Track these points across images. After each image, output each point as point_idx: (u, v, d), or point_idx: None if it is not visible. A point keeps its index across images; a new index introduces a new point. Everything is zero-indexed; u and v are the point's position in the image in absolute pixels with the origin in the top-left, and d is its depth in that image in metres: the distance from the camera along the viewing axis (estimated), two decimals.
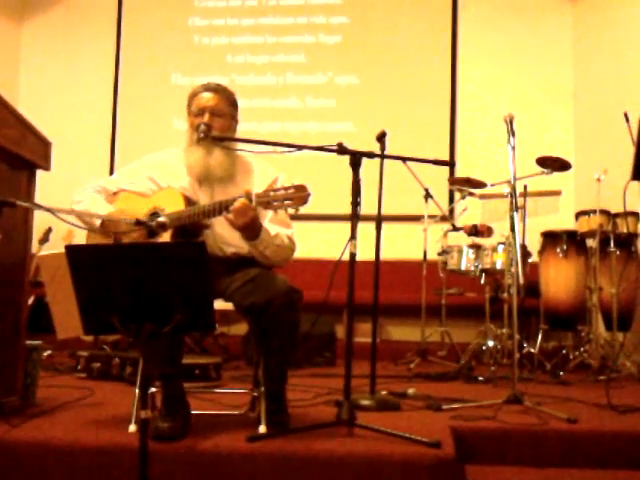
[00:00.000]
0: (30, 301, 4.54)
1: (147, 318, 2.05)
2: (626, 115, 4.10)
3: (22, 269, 2.78)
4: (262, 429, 2.46)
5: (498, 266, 4.80)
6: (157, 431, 2.36)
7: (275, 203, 2.38)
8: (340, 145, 2.59)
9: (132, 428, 2.46)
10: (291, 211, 2.42)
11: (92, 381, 3.89)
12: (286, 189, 2.37)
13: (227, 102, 2.77)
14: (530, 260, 4.94)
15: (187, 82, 6.81)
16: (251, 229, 2.53)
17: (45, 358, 4.37)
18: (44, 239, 5.54)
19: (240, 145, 2.76)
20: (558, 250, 4.79)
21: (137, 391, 2.59)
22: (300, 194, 2.35)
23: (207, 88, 2.75)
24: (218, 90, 2.76)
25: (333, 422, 2.44)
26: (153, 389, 2.52)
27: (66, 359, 4.48)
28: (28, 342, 2.88)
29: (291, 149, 2.71)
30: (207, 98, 2.73)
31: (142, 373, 2.48)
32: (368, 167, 2.71)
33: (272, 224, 2.67)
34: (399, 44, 6.67)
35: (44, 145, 2.83)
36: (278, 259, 2.68)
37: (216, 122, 2.71)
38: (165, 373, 2.54)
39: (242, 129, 2.85)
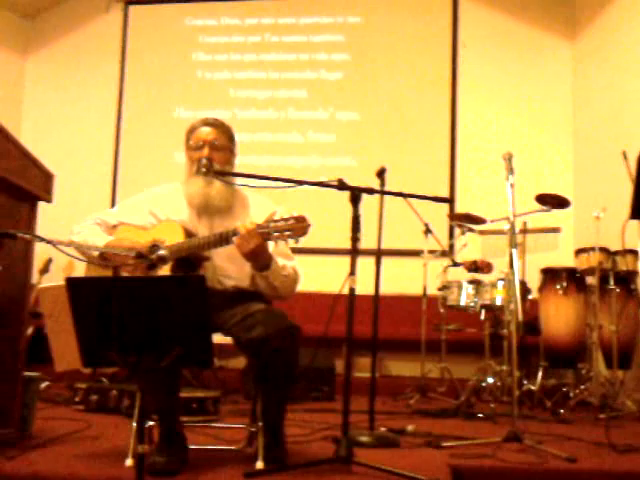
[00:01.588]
0: (29, 332, 4.53)
1: (146, 351, 2.04)
2: (625, 154, 4.13)
3: (22, 300, 2.78)
4: (259, 465, 2.44)
5: (498, 302, 4.80)
6: (153, 465, 2.34)
7: (275, 234, 2.39)
8: (340, 181, 2.61)
9: (128, 462, 2.44)
10: (292, 243, 2.43)
11: (89, 413, 3.86)
12: (286, 220, 2.38)
13: (226, 136, 2.79)
14: (530, 297, 4.94)
15: (190, 116, 6.87)
16: (260, 258, 2.53)
17: (43, 389, 4.35)
18: (44, 269, 5.54)
19: (240, 180, 2.78)
20: (558, 287, 4.79)
21: (134, 425, 2.57)
22: (300, 225, 2.36)
23: (206, 122, 2.78)
24: (217, 124, 2.79)
25: (331, 459, 2.41)
26: (150, 423, 2.51)
27: (64, 391, 4.45)
28: (26, 373, 2.87)
29: (292, 184, 2.73)
30: (207, 132, 2.75)
31: (139, 407, 2.46)
32: (368, 201, 2.73)
33: (277, 257, 2.67)
34: (399, 81, 6.75)
35: (46, 177, 2.85)
36: (286, 290, 2.68)
37: (215, 155, 2.73)
38: (162, 407, 2.52)
39: (244, 162, 2.89)
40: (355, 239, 2.53)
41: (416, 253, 5.41)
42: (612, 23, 5.87)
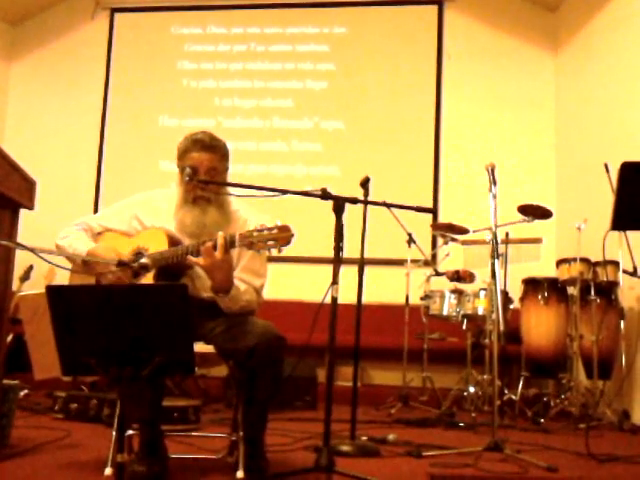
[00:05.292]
0: (8, 339, 4.49)
1: (127, 360, 2.03)
2: (606, 166, 4.17)
3: (2, 308, 2.75)
4: (240, 474, 2.43)
5: (480, 312, 4.82)
6: (133, 475, 2.32)
7: (258, 243, 2.38)
8: (324, 190, 2.62)
9: (108, 471, 2.42)
10: (275, 252, 2.43)
11: (69, 422, 3.83)
12: (269, 229, 2.37)
13: (222, 159, 2.72)
14: (511, 306, 4.97)
15: (174, 124, 6.88)
16: (221, 279, 2.48)
17: (22, 397, 4.31)
18: (25, 277, 5.49)
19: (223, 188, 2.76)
20: (539, 297, 4.82)
21: (114, 433, 2.55)
22: (283, 234, 2.35)
23: (202, 146, 2.66)
24: (214, 148, 2.68)
25: (311, 468, 2.41)
26: (130, 432, 2.49)
27: (43, 399, 4.42)
28: (5, 381, 2.84)
29: (276, 193, 2.72)
30: (205, 158, 2.65)
31: (119, 415, 2.45)
32: (352, 210, 2.74)
33: (244, 273, 2.65)
34: (384, 91, 6.78)
35: (28, 184, 2.83)
36: (241, 312, 2.62)
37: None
38: (144, 416, 2.51)
39: (229, 171, 2.86)
40: (338, 248, 2.54)
41: (399, 262, 5.44)
42: (594, 36, 5.94)
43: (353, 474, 2.41)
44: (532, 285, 4.91)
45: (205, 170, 2.65)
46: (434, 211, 6.31)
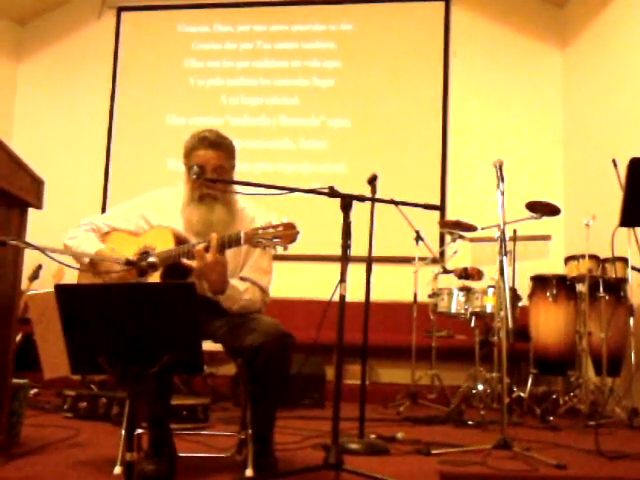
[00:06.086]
0: (18, 338, 4.51)
1: (135, 359, 2.03)
2: (614, 162, 4.15)
3: (11, 307, 2.76)
4: (248, 472, 2.44)
5: (488, 309, 4.81)
6: (143, 473, 2.33)
7: (264, 241, 2.38)
8: (331, 188, 2.61)
9: (117, 470, 2.42)
10: (280, 250, 2.42)
11: (78, 420, 3.84)
12: (275, 227, 2.36)
13: (229, 157, 2.72)
14: (520, 304, 4.96)
15: (182, 122, 6.89)
16: (215, 280, 2.49)
17: (31, 396, 4.33)
18: (34, 276, 5.52)
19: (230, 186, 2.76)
20: (548, 294, 4.81)
21: (123, 432, 2.56)
22: (289, 232, 2.34)
23: (209, 144, 2.66)
24: (220, 146, 2.68)
25: (320, 466, 2.41)
26: (140, 430, 2.50)
27: (53, 398, 4.43)
28: (15, 380, 2.85)
29: (283, 191, 2.72)
30: (211, 156, 2.65)
31: (128, 414, 2.45)
32: (360, 208, 2.73)
33: (252, 271, 2.67)
34: (391, 88, 6.77)
35: (37, 183, 2.84)
36: (245, 312, 2.63)
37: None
38: (153, 414, 2.51)
39: (236, 169, 2.86)
40: (346, 246, 2.53)
41: (407, 260, 5.43)
42: (602, 32, 5.91)
43: (362, 472, 2.41)
44: (540, 282, 4.89)
45: (212, 168, 2.65)
46: (442, 208, 6.30)
